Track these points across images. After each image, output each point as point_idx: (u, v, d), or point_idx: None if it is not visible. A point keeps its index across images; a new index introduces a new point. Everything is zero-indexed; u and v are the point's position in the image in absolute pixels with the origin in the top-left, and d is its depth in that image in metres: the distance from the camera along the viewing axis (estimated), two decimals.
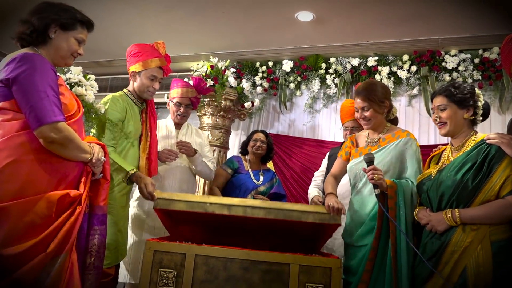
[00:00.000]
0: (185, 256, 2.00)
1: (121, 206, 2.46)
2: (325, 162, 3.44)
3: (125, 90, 2.64)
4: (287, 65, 4.79)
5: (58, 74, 1.79)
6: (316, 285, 1.96)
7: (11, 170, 1.54)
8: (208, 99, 4.35)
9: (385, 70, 4.35)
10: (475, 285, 1.76)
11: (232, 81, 4.31)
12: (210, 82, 4.28)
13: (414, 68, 4.26)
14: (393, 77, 4.36)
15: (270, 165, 3.71)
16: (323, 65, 4.66)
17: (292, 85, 4.80)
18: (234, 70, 4.74)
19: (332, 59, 4.62)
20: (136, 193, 3.00)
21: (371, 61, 4.42)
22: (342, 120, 3.24)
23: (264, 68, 4.91)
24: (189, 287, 1.96)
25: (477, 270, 1.78)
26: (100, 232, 1.84)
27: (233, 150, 4.77)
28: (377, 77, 4.35)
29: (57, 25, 1.78)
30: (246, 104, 4.44)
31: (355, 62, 4.51)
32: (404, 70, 4.31)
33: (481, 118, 2.08)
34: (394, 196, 2.10)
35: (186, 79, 3.75)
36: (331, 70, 4.62)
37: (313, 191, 3.29)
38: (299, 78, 4.78)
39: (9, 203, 1.50)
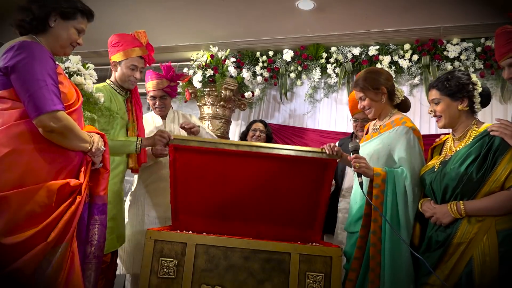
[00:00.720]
0: (185, 246, 2.00)
1: (114, 193, 2.46)
2: None
3: (107, 81, 2.64)
4: (288, 55, 4.75)
5: (57, 63, 1.78)
6: (316, 274, 1.97)
7: (10, 160, 1.54)
8: (208, 89, 4.34)
9: (386, 59, 4.31)
10: (481, 275, 1.76)
11: (232, 70, 4.29)
12: (210, 72, 4.27)
13: (415, 57, 4.23)
14: (394, 66, 4.33)
15: None
16: (324, 55, 4.62)
17: (292, 75, 4.77)
18: (234, 59, 4.72)
19: (333, 48, 4.58)
20: (133, 186, 3.00)
21: (372, 50, 4.39)
22: (351, 112, 3.17)
23: (264, 57, 4.88)
24: (190, 276, 1.97)
25: (483, 260, 1.77)
26: (100, 222, 1.84)
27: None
28: (378, 66, 4.32)
29: (57, 14, 1.76)
30: (246, 94, 4.43)
31: (356, 51, 4.47)
32: (405, 59, 4.27)
33: (479, 106, 2.03)
34: (381, 184, 2.08)
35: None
36: (332, 60, 4.59)
37: None
38: (299, 68, 4.75)
39: (9, 192, 1.50)
